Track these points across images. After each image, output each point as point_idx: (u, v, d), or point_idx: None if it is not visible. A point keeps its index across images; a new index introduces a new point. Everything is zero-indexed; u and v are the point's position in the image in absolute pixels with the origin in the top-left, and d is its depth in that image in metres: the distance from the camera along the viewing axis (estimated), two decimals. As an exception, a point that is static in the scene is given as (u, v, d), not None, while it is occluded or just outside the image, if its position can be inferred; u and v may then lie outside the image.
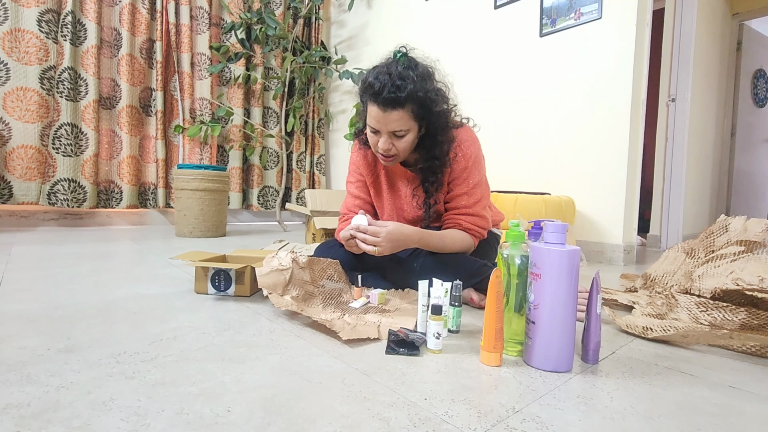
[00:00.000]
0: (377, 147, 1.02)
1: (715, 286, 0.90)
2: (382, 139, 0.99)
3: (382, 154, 1.02)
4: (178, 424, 0.47)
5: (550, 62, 2.12)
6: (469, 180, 1.08)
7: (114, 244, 1.93)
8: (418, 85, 0.95)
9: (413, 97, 0.94)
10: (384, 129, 0.98)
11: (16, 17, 2.31)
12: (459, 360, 0.70)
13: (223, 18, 3.12)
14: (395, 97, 0.93)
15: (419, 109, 0.97)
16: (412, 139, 1.01)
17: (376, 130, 0.99)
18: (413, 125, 0.99)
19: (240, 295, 1.06)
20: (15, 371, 0.59)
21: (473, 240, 1.10)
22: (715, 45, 3.10)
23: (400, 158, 1.04)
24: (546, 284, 0.65)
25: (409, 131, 0.99)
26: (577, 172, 2.03)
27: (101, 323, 0.82)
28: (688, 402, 0.58)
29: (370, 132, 1.02)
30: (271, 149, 3.38)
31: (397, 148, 1.00)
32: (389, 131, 0.98)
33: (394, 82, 0.93)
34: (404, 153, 1.02)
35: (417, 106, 0.96)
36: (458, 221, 1.09)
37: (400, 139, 0.99)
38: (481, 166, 1.11)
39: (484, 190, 1.11)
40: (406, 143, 1.00)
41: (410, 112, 0.96)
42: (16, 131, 2.33)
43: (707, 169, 3.16)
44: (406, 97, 0.93)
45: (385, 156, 1.03)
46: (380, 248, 0.95)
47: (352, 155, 1.23)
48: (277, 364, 0.65)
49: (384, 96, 0.93)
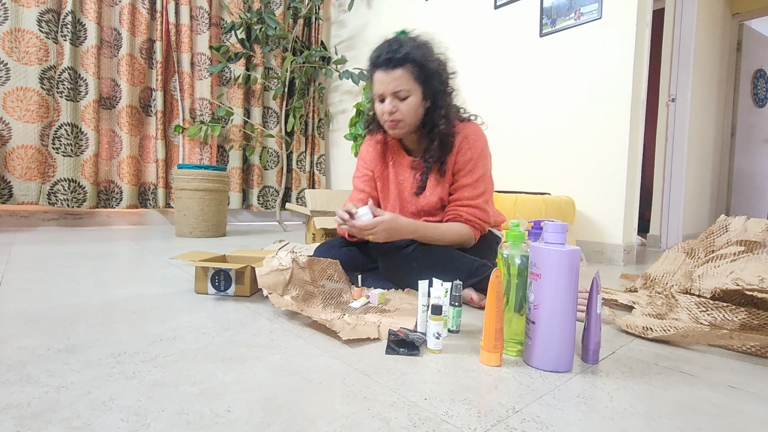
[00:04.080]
0: (383, 115, 1.07)
1: (715, 286, 0.90)
2: (387, 100, 1.05)
3: (388, 120, 1.07)
4: (178, 424, 0.47)
5: (550, 62, 2.12)
6: (473, 172, 1.10)
7: (114, 244, 1.93)
8: (415, 49, 1.03)
9: (410, 58, 1.02)
10: (387, 90, 1.04)
11: (16, 17, 2.31)
12: (459, 360, 0.70)
13: (223, 18, 3.12)
14: (393, 57, 1.01)
15: (419, 72, 1.03)
16: (415, 104, 1.06)
17: (381, 96, 1.06)
18: (415, 87, 1.05)
19: (240, 295, 1.06)
20: (15, 371, 0.59)
21: (473, 232, 1.11)
22: (715, 45, 3.10)
23: (405, 125, 1.07)
24: (546, 284, 0.65)
25: (411, 93, 1.04)
26: (577, 172, 2.03)
27: (101, 323, 0.82)
28: (688, 402, 0.58)
29: (377, 103, 1.08)
30: (271, 149, 3.38)
31: (401, 111, 1.05)
32: (392, 92, 1.04)
33: (391, 47, 1.03)
34: (409, 117, 1.06)
35: (416, 67, 1.03)
36: (459, 212, 1.11)
37: (403, 101, 1.05)
38: (486, 161, 1.13)
39: (487, 184, 1.13)
40: (409, 106, 1.05)
41: (410, 73, 1.03)
42: (16, 131, 2.33)
43: (707, 169, 3.16)
44: (403, 57, 1.01)
45: (391, 122, 1.07)
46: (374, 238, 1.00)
47: (361, 149, 1.28)
48: (277, 364, 0.65)
49: (383, 58, 1.02)
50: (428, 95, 1.07)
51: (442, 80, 1.08)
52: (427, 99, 1.08)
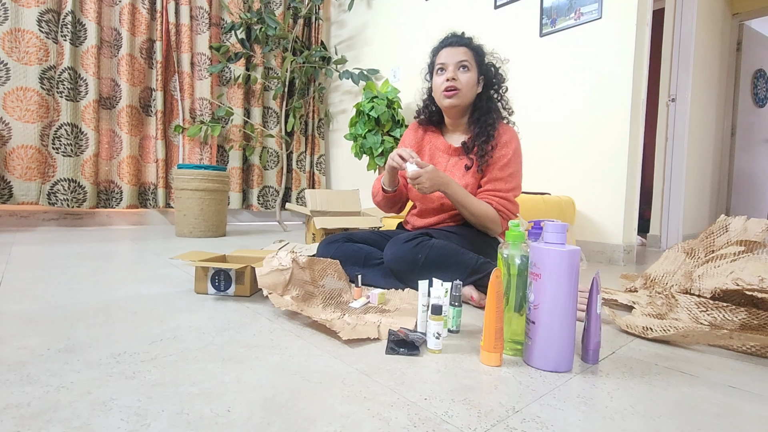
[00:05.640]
0: (443, 83, 1.19)
1: (715, 286, 0.90)
2: (449, 69, 1.18)
3: (447, 87, 1.18)
4: (178, 424, 0.47)
5: (550, 62, 2.12)
6: (507, 167, 1.19)
7: (114, 244, 1.92)
8: (475, 41, 1.24)
9: (473, 44, 1.22)
10: (451, 60, 1.18)
11: (16, 17, 2.31)
12: (459, 360, 0.70)
13: (223, 18, 3.12)
14: (460, 38, 1.22)
15: (478, 57, 1.21)
16: (473, 79, 1.19)
17: (443, 66, 1.20)
18: (474, 67, 1.20)
19: (240, 295, 1.06)
20: (15, 371, 0.59)
21: (500, 221, 1.18)
22: (715, 45, 3.10)
23: (461, 95, 1.19)
24: (546, 284, 0.65)
25: (471, 69, 1.19)
26: (577, 172, 2.03)
27: (101, 323, 0.82)
28: (688, 402, 0.58)
29: (437, 77, 1.22)
30: (271, 149, 3.39)
31: (461, 80, 1.18)
32: (456, 61, 1.18)
33: (456, 34, 1.24)
34: (466, 89, 1.19)
35: (476, 53, 1.21)
36: (490, 200, 1.18)
37: (465, 72, 1.19)
38: (520, 160, 1.23)
39: (518, 182, 1.22)
40: (468, 79, 1.18)
41: (472, 53, 1.20)
42: (16, 131, 2.33)
43: (707, 169, 3.16)
44: (468, 41, 1.22)
45: (450, 88, 1.18)
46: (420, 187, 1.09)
47: (403, 135, 1.40)
48: (277, 364, 0.65)
49: (450, 39, 1.22)
50: (481, 82, 1.22)
51: (496, 74, 1.24)
52: (479, 84, 1.22)
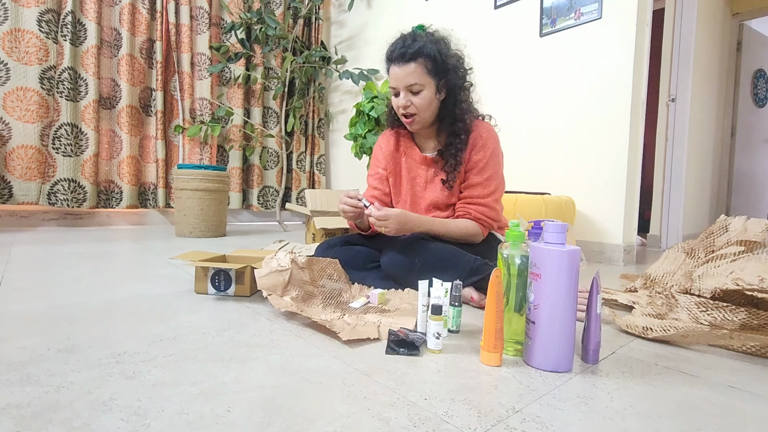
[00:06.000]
0: (399, 108, 1.09)
1: (715, 286, 0.90)
2: (401, 95, 1.08)
3: (403, 114, 1.10)
4: (178, 424, 0.47)
5: (550, 62, 2.12)
6: (484, 171, 1.12)
7: (114, 244, 1.92)
8: (430, 44, 1.05)
9: (424, 52, 1.03)
10: (400, 84, 1.06)
11: (16, 17, 2.31)
12: (459, 360, 0.70)
13: (223, 18, 3.12)
14: (406, 51, 1.03)
15: (433, 65, 1.05)
16: (429, 97, 1.07)
17: (395, 91, 1.09)
18: (428, 81, 1.06)
19: (240, 295, 1.06)
20: (15, 371, 0.59)
21: (481, 229, 1.14)
22: (715, 45, 3.10)
23: (420, 119, 1.10)
24: (546, 284, 0.65)
25: (424, 87, 1.06)
26: (577, 172, 2.03)
27: (101, 323, 0.82)
28: (688, 402, 0.58)
29: (393, 97, 1.11)
30: (271, 149, 3.38)
31: (415, 105, 1.07)
32: (405, 86, 1.06)
33: (405, 42, 1.05)
34: (423, 111, 1.08)
35: (430, 61, 1.04)
36: (468, 210, 1.13)
37: (417, 95, 1.06)
38: (498, 160, 1.15)
39: (498, 183, 1.16)
40: (423, 100, 1.06)
41: (423, 67, 1.04)
42: (16, 131, 2.33)
43: (707, 169, 3.16)
44: (416, 51, 1.03)
45: (405, 116, 1.09)
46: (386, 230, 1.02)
47: (375, 147, 1.30)
48: (277, 364, 0.65)
49: (396, 53, 1.05)
50: (443, 89, 1.09)
51: (459, 75, 1.10)
52: (441, 93, 1.09)
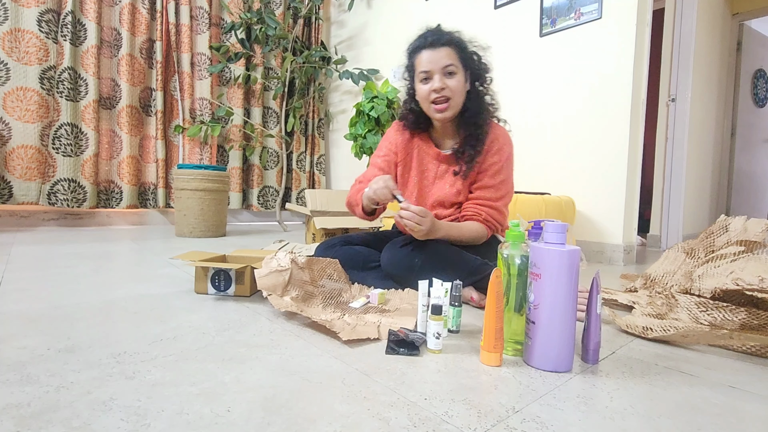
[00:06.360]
0: (430, 93, 1.07)
1: (715, 286, 0.90)
2: (435, 78, 1.06)
3: (436, 98, 1.07)
4: (178, 424, 0.47)
5: (550, 62, 2.12)
6: (498, 175, 1.13)
7: (114, 244, 1.92)
8: (455, 35, 1.09)
9: (455, 40, 1.08)
10: (436, 66, 1.05)
11: (16, 17, 2.31)
12: (459, 360, 0.70)
13: (223, 18, 3.12)
14: (440, 37, 1.06)
15: (462, 53, 1.08)
16: (462, 82, 1.08)
17: (428, 75, 1.07)
18: (460, 67, 1.07)
19: (240, 295, 1.06)
20: (15, 371, 0.59)
21: (488, 232, 1.14)
22: (715, 45, 3.10)
23: (454, 104, 1.08)
24: (546, 284, 0.65)
25: (457, 71, 1.07)
26: (577, 172, 2.03)
27: (101, 323, 0.82)
28: (688, 402, 0.58)
29: (421, 82, 1.09)
30: (271, 149, 3.38)
31: (450, 88, 1.06)
32: (441, 67, 1.05)
33: (436, 32, 1.09)
34: (457, 96, 1.07)
35: (459, 50, 1.07)
36: (479, 211, 1.13)
37: (452, 77, 1.06)
38: (511, 166, 1.17)
39: (509, 188, 1.16)
40: (458, 83, 1.07)
41: (456, 52, 1.07)
42: (16, 131, 2.33)
43: (707, 169, 3.16)
44: (449, 38, 1.07)
45: (438, 101, 1.07)
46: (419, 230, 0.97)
47: (388, 132, 1.26)
48: (277, 364, 0.65)
49: (430, 39, 1.07)
50: (468, 80, 1.10)
51: (482, 67, 1.12)
52: (467, 80, 1.10)
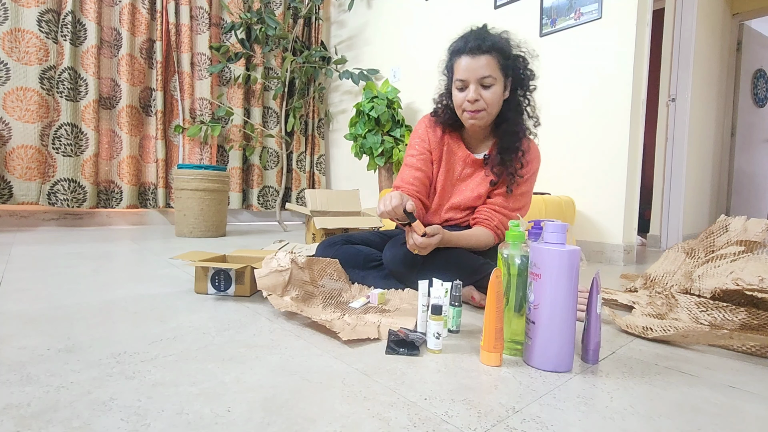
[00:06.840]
0: (464, 103, 1.04)
1: (715, 286, 0.90)
2: (471, 88, 1.02)
3: (470, 108, 1.04)
4: (178, 424, 0.47)
5: (550, 62, 2.12)
6: (521, 186, 1.12)
7: (114, 244, 1.92)
8: (501, 40, 1.03)
9: (497, 46, 1.01)
10: (472, 76, 1.01)
11: (16, 17, 2.31)
12: (459, 360, 0.70)
13: (223, 18, 3.12)
14: (481, 44, 1.00)
15: (504, 60, 1.03)
16: (499, 93, 1.03)
17: (464, 84, 1.03)
18: (499, 76, 1.03)
19: (240, 295, 1.06)
20: (15, 371, 0.59)
21: (495, 239, 1.13)
22: (715, 45, 3.10)
23: (488, 115, 1.05)
24: (546, 284, 0.65)
25: (495, 82, 1.02)
26: (577, 172, 2.03)
27: (101, 323, 0.82)
28: (688, 402, 0.58)
29: (457, 90, 1.05)
30: (271, 149, 3.38)
31: (485, 100, 1.02)
32: (477, 78, 1.01)
33: (478, 35, 1.02)
34: (492, 107, 1.04)
35: (501, 56, 1.02)
36: (492, 217, 1.12)
37: (488, 89, 1.02)
38: (534, 181, 1.16)
39: (527, 202, 1.15)
40: (493, 95, 1.03)
41: (496, 61, 1.02)
42: (16, 131, 2.33)
43: (707, 169, 3.16)
44: (491, 45, 1.01)
45: (473, 111, 1.04)
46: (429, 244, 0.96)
47: (418, 128, 1.21)
48: (277, 364, 0.65)
49: (471, 45, 1.01)
50: (508, 88, 1.06)
51: (524, 76, 1.07)
52: (506, 92, 1.06)
